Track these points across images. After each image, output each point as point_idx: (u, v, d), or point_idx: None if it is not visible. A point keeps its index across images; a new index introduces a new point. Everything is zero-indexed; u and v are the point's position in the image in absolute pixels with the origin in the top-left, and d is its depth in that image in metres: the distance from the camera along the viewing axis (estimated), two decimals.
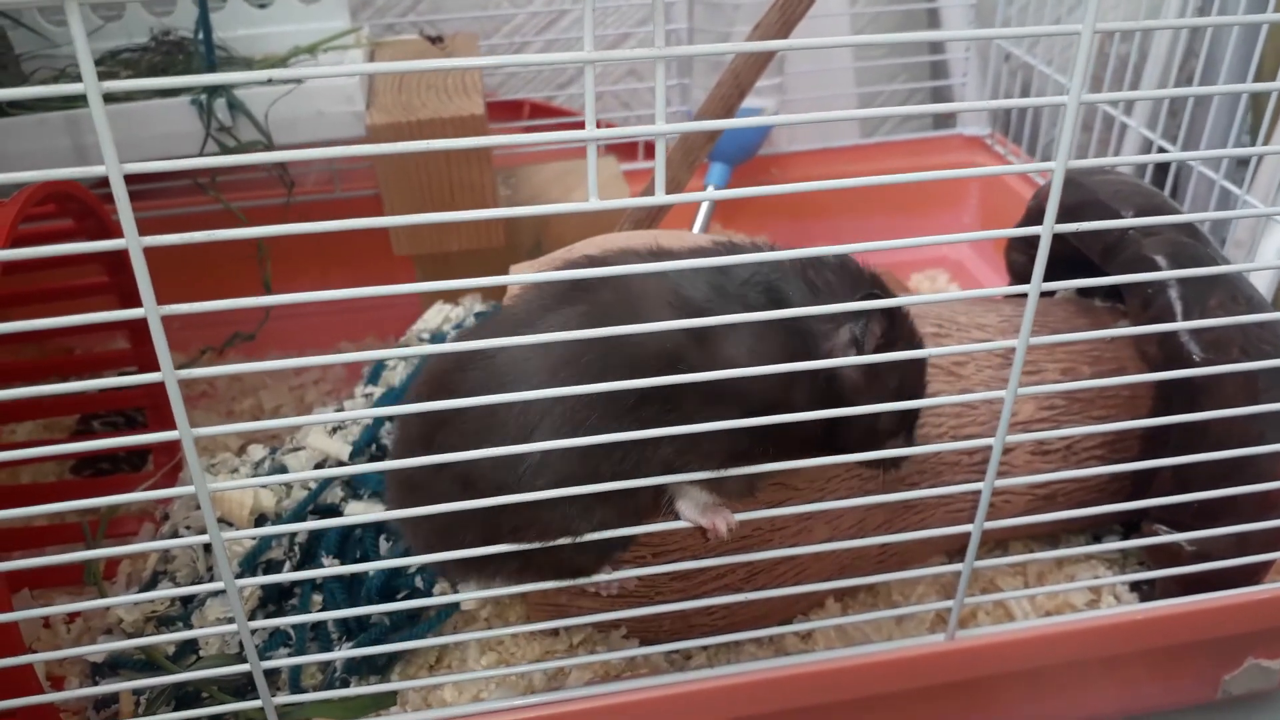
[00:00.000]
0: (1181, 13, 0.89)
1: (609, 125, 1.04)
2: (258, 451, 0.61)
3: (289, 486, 0.58)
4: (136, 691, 0.53)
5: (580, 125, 1.04)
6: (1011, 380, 0.41)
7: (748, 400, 0.42)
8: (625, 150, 1.01)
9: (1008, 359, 0.58)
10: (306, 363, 0.36)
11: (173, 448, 0.70)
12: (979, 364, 0.57)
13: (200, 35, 0.74)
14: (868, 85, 1.08)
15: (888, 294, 0.46)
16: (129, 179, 0.33)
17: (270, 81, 0.34)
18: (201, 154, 0.70)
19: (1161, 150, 0.82)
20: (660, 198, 0.37)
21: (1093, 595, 0.59)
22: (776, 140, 0.98)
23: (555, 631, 0.54)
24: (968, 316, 0.59)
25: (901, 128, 1.18)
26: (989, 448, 0.52)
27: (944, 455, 0.55)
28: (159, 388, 0.34)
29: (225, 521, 0.58)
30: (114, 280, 0.66)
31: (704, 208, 0.83)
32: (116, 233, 0.64)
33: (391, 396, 0.61)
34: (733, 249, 0.47)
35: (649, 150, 1.02)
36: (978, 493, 0.48)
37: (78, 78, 0.78)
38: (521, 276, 0.54)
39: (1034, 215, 0.65)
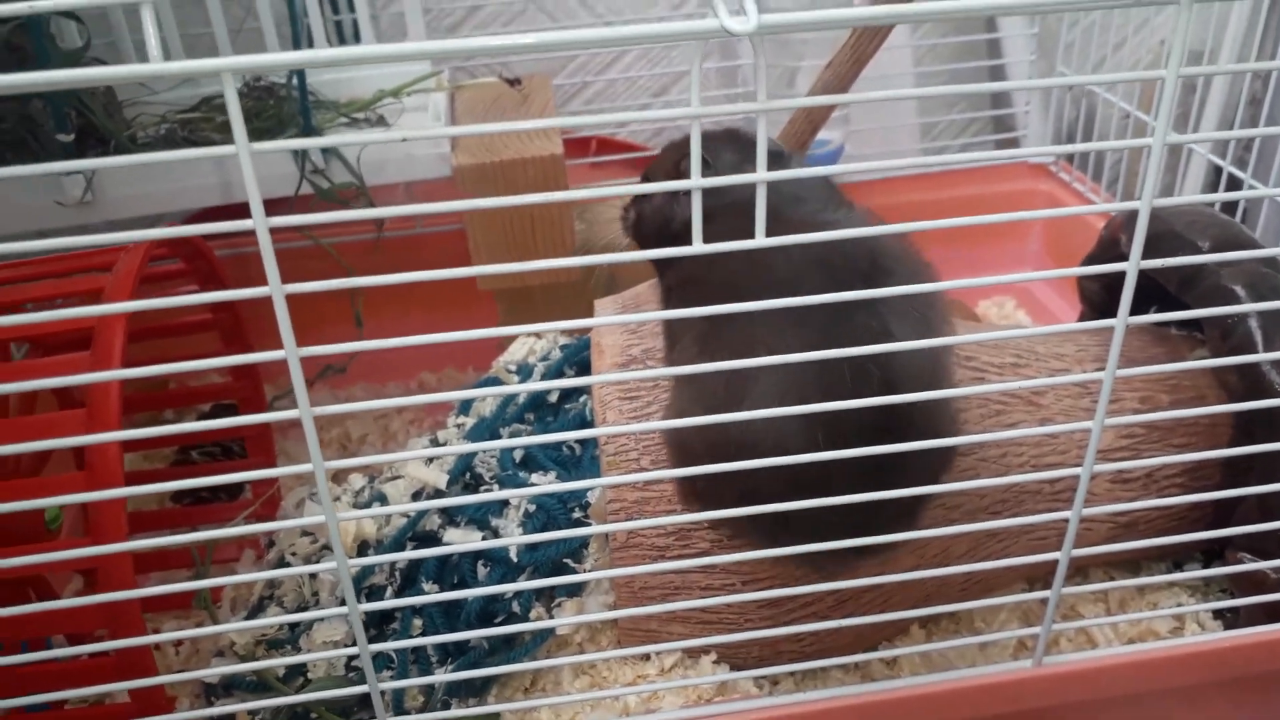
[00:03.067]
0: (1247, 33, 0.89)
1: None
2: (357, 481, 0.64)
3: (388, 516, 0.60)
4: (251, 712, 0.55)
5: (649, 159, 1.05)
6: (1099, 411, 0.42)
7: None
8: None
9: (1086, 388, 0.59)
10: (439, 398, 0.38)
11: (265, 456, 0.74)
12: (1058, 394, 0.58)
13: (294, 80, 0.77)
14: (929, 115, 1.09)
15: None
16: (227, 210, 0.35)
17: (405, 140, 0.36)
18: (296, 195, 0.73)
19: (1232, 179, 0.82)
20: (760, 240, 0.39)
21: (1176, 623, 0.59)
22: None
23: (647, 656, 0.56)
24: (1045, 346, 0.60)
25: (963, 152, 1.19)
26: (1070, 477, 0.53)
27: (1025, 485, 0.56)
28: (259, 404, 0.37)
29: (328, 548, 0.61)
30: (216, 317, 0.70)
31: None
32: (223, 273, 0.67)
33: (482, 427, 0.64)
34: None
35: None
36: (1059, 521, 0.49)
37: (179, 124, 0.81)
38: (608, 318, 0.56)
39: (1107, 245, 0.66)
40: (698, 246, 0.37)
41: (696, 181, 0.35)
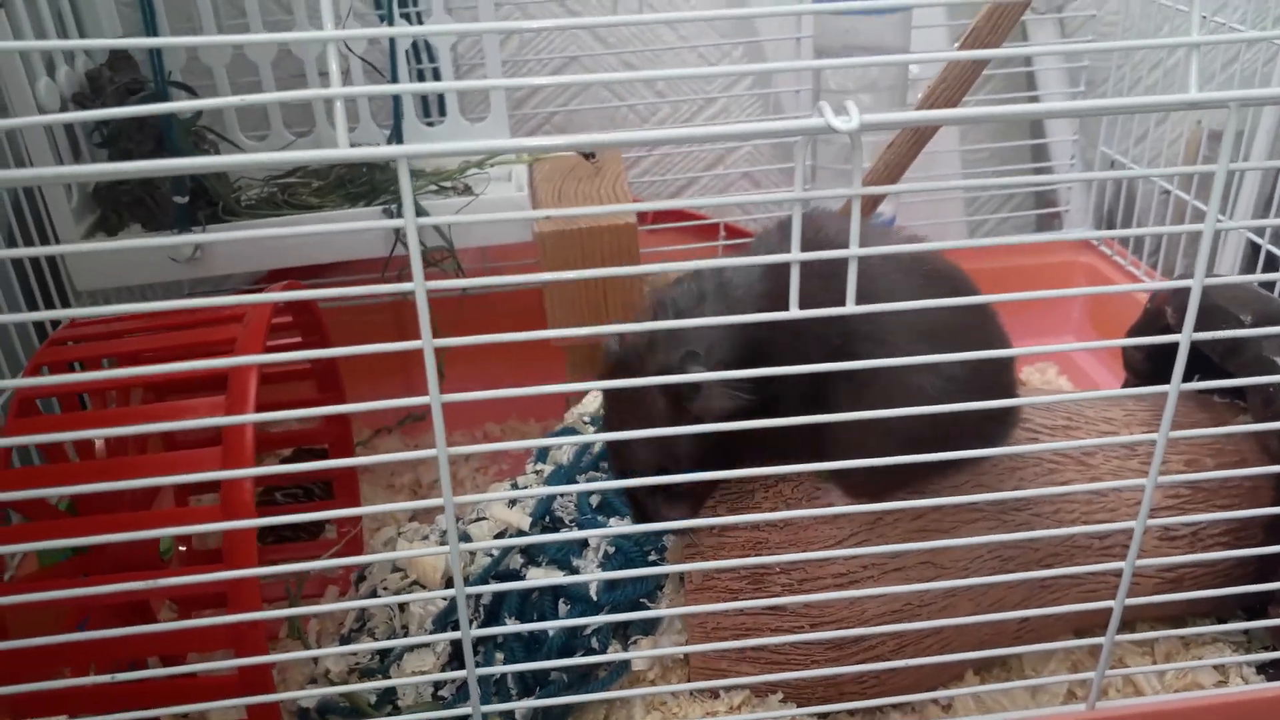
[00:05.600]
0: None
1: (730, 228, 1.11)
2: (443, 521, 0.68)
3: (473, 554, 0.65)
4: None
5: (709, 228, 1.09)
6: (1153, 469, 0.46)
7: None
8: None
9: (1133, 450, 0.62)
10: (553, 442, 0.43)
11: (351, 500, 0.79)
12: (1107, 454, 0.62)
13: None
14: (972, 191, 1.14)
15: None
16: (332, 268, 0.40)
17: (547, 217, 0.41)
18: (390, 255, 0.79)
19: (1270, 255, 0.86)
20: (852, 308, 0.43)
21: (1220, 676, 0.62)
22: (891, 239, 1.05)
23: (716, 694, 0.60)
24: (1094, 410, 0.64)
25: (1003, 227, 1.23)
26: (1118, 533, 0.57)
27: (1076, 539, 0.60)
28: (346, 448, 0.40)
29: (417, 584, 0.65)
30: (315, 366, 0.75)
31: None
32: (324, 325, 0.72)
33: (560, 474, 0.68)
34: None
35: None
36: (1108, 575, 0.52)
37: (279, 189, 0.86)
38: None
39: (1152, 316, 0.70)
40: (794, 312, 0.41)
41: (796, 255, 0.40)
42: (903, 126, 0.37)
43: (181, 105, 0.38)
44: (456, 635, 0.46)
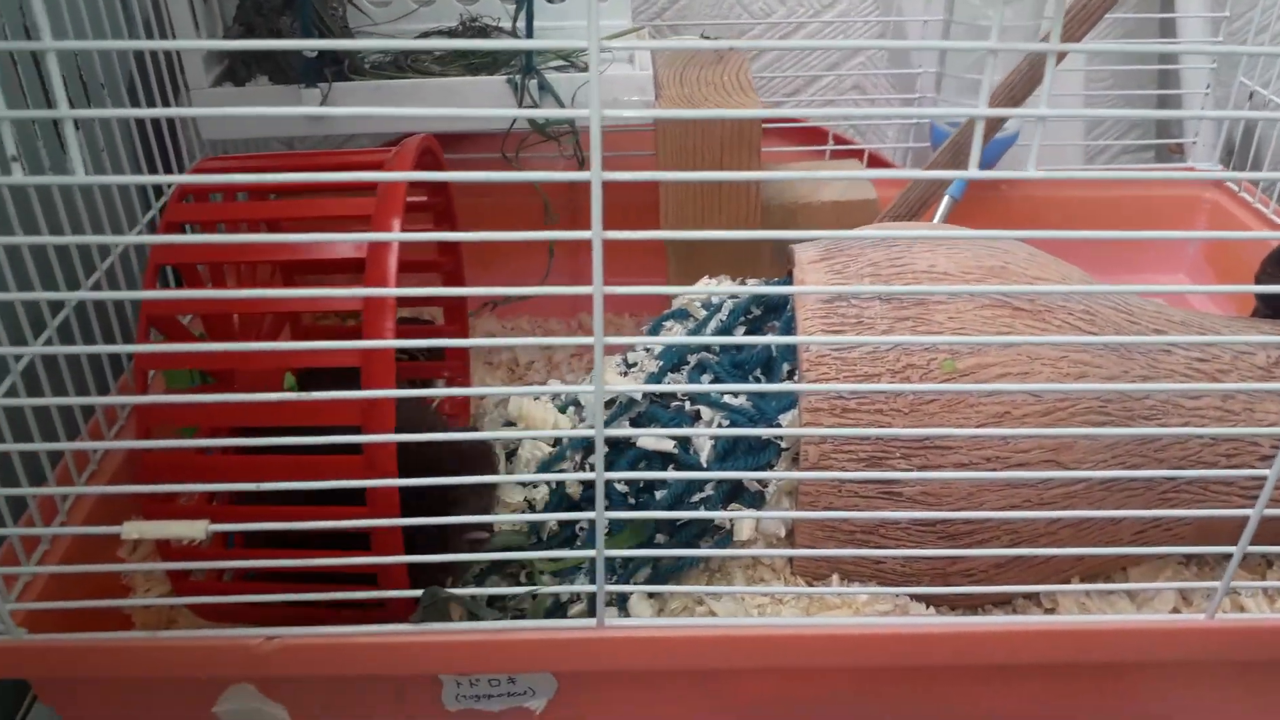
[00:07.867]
0: None
1: (838, 137, 1.09)
2: (554, 385, 0.69)
3: (580, 418, 0.65)
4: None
5: (814, 132, 1.07)
6: None
7: None
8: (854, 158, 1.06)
9: (1269, 371, 0.61)
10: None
11: (461, 369, 0.80)
12: (1241, 374, 0.60)
13: (519, 23, 0.83)
14: (1096, 108, 1.11)
15: None
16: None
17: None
18: (511, 129, 0.79)
19: None
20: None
21: None
22: (1005, 162, 1.02)
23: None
24: (1229, 330, 0.63)
25: (1119, 160, 1.19)
26: (1245, 452, 0.56)
27: (1202, 456, 0.59)
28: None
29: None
30: (436, 226, 0.75)
31: (942, 209, 0.88)
32: (456, 211, 0.72)
33: (672, 354, 0.68)
34: None
35: (871, 160, 1.08)
36: (1234, 493, 0.51)
37: (402, 54, 0.86)
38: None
39: None
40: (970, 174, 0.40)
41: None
42: None
43: None
44: (589, 476, 0.47)
